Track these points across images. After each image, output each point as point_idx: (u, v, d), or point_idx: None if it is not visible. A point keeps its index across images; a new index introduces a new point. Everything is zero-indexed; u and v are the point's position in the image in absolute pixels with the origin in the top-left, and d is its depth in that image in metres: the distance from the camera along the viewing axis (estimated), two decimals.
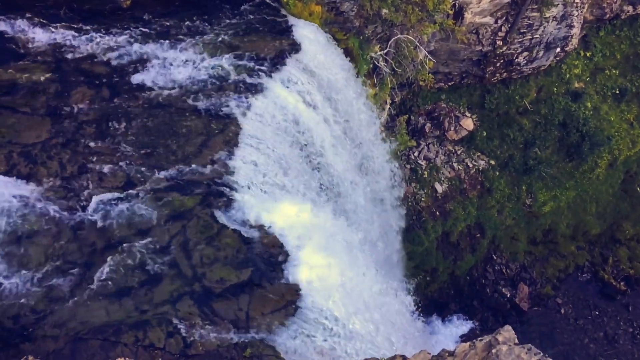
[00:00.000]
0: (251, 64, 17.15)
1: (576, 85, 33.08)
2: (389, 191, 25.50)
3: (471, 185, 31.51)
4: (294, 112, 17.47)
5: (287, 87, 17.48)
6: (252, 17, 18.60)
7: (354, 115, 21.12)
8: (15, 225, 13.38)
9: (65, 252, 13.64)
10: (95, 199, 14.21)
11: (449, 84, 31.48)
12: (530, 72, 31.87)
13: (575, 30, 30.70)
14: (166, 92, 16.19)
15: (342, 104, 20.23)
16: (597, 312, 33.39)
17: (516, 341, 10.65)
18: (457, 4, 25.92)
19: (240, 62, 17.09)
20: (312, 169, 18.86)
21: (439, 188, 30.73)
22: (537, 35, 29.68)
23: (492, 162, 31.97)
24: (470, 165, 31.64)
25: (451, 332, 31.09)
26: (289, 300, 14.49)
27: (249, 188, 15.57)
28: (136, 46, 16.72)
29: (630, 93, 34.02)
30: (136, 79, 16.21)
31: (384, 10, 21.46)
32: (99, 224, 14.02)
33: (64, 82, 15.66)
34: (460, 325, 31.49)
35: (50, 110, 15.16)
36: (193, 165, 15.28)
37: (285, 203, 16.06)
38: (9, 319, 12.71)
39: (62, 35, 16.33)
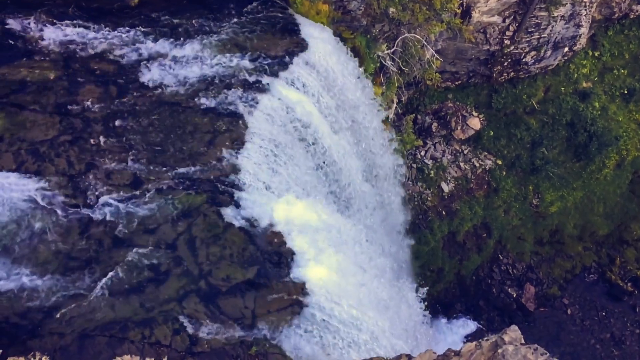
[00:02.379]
0: (258, 63, 17.17)
1: (584, 84, 32.90)
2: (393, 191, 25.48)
3: (478, 184, 31.43)
4: (300, 110, 17.48)
5: (294, 86, 17.49)
6: (259, 15, 18.62)
7: (359, 114, 21.10)
8: (23, 222, 13.47)
9: (73, 249, 13.72)
10: (102, 196, 14.29)
11: (456, 83, 31.40)
12: (537, 71, 31.73)
13: (584, 30, 30.51)
14: (173, 90, 16.24)
15: (348, 102, 20.21)
16: (603, 313, 33.24)
17: (522, 341, 10.63)
18: (464, 3, 25.84)
19: (247, 61, 17.12)
20: (319, 168, 18.86)
21: (446, 187, 30.66)
22: (545, 35, 29.54)
23: (499, 162, 31.87)
24: (477, 165, 31.55)
25: (457, 331, 31.05)
26: (295, 299, 14.51)
27: (255, 186, 15.60)
28: (144, 44, 16.77)
29: (639, 93, 33.80)
30: (144, 77, 16.27)
31: (392, 9, 21.42)
32: (106, 221, 14.09)
33: (72, 80, 15.74)
34: (466, 325, 31.45)
35: (59, 108, 15.24)
36: (200, 164, 15.32)
37: (293, 202, 16.07)
38: (17, 315, 12.80)
39: (70, 33, 16.41)
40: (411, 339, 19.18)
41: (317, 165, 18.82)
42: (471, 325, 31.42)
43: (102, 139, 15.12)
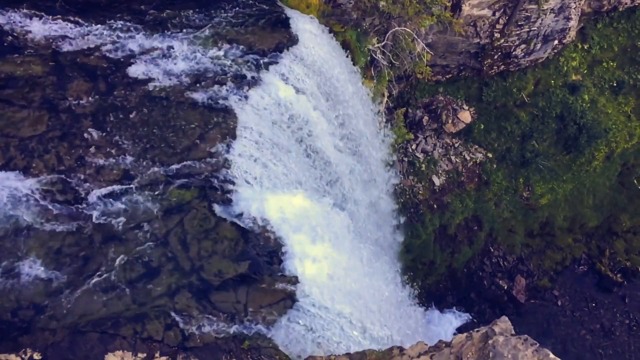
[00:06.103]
0: (248, 57, 17.11)
1: (574, 77, 33.04)
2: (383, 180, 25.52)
3: (469, 177, 31.55)
4: (291, 104, 17.45)
5: (284, 80, 17.45)
6: (249, 9, 18.53)
7: (350, 107, 21.10)
8: (14, 218, 13.38)
9: (63, 245, 13.66)
10: (93, 192, 14.21)
11: (447, 76, 31.44)
12: (527, 64, 31.83)
13: (573, 23, 30.63)
14: (163, 84, 16.15)
15: (340, 96, 20.20)
16: (593, 304, 33.55)
17: (513, 332, 10.72)
18: None
19: (237, 55, 17.05)
20: (310, 162, 18.86)
21: (437, 181, 30.76)
22: (535, 28, 29.62)
23: (490, 155, 31.99)
24: (468, 158, 31.66)
25: (448, 324, 31.22)
26: (287, 293, 14.55)
27: (246, 181, 15.58)
28: (133, 38, 16.66)
29: (628, 85, 34.00)
30: (133, 71, 16.17)
31: (382, 2, 21.39)
32: (97, 217, 14.03)
33: (60, 75, 15.61)
34: (458, 318, 31.63)
35: (47, 103, 15.12)
36: (191, 158, 15.27)
37: (284, 196, 16.08)
38: (8, 312, 12.74)
39: (58, 27, 16.25)
40: (403, 331, 19.28)
41: (309, 159, 18.81)
42: (462, 317, 31.61)
43: (91, 134, 15.02)
